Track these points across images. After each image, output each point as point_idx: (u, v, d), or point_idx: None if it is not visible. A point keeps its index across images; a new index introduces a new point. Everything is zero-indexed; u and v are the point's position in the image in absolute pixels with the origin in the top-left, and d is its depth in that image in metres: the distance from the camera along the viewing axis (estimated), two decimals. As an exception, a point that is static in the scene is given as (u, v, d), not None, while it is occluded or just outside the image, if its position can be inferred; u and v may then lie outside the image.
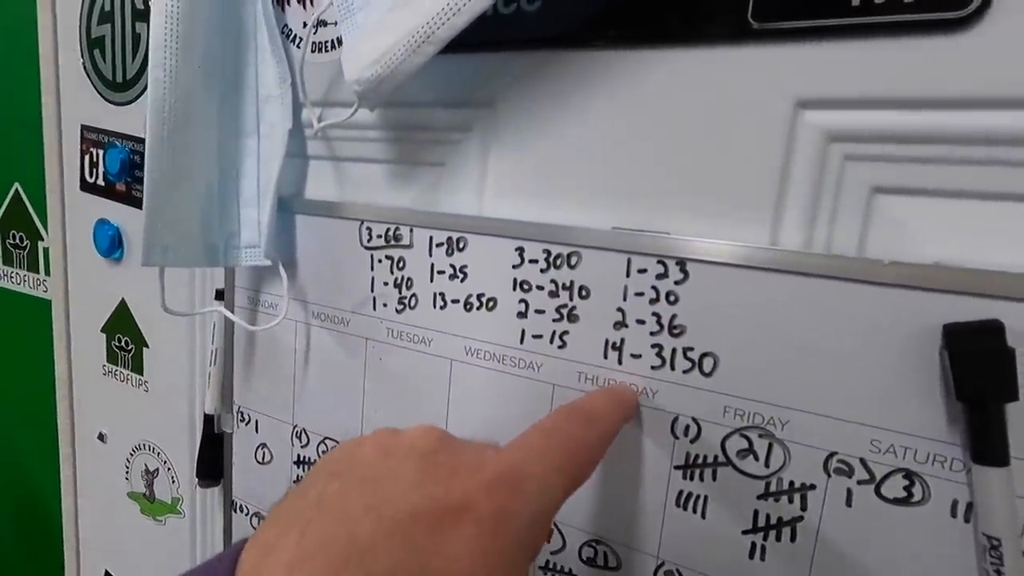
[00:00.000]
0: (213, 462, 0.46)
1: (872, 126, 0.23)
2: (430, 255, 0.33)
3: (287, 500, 0.18)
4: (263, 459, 0.43)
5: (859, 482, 0.24)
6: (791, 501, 0.25)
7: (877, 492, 0.23)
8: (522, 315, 0.31)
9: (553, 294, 0.30)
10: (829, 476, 0.24)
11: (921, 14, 0.22)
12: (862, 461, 0.24)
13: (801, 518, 0.25)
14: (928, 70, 0.22)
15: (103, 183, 0.53)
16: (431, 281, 0.33)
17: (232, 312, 0.42)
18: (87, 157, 0.54)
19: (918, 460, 0.23)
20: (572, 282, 0.29)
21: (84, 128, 0.54)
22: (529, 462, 0.19)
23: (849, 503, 0.24)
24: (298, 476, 0.41)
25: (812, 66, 0.24)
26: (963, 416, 0.21)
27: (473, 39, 0.28)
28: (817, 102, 0.24)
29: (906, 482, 0.23)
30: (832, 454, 0.24)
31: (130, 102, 0.50)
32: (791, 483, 0.25)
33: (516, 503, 0.17)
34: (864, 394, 0.23)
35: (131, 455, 0.57)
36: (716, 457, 0.26)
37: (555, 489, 0.19)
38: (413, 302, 0.34)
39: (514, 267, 0.30)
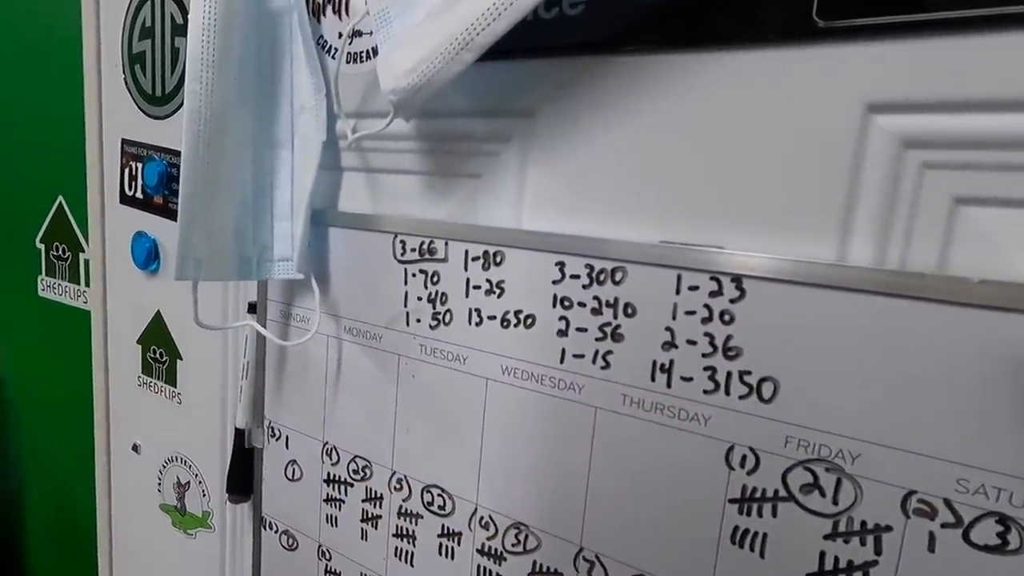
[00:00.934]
0: (243, 477, 0.46)
1: (953, 131, 0.21)
2: (465, 269, 0.32)
3: None
4: (293, 476, 0.43)
5: (943, 525, 0.21)
6: (863, 543, 0.23)
7: (965, 538, 0.21)
8: (562, 333, 0.29)
9: (596, 311, 0.28)
10: (908, 517, 0.22)
11: (1005, 7, 0.20)
12: (947, 502, 0.21)
13: (875, 563, 0.23)
14: (1016, 69, 0.20)
15: (141, 196, 0.54)
16: (466, 296, 0.32)
17: (264, 326, 0.42)
18: (127, 170, 0.55)
19: (1014, 504, 0.20)
20: (616, 299, 0.27)
21: (124, 142, 0.54)
22: None
23: (932, 548, 0.22)
24: (328, 495, 0.40)
25: (884, 66, 0.22)
26: (1069, 455, 0.19)
27: (513, 46, 0.27)
28: (891, 106, 0.22)
29: (1000, 528, 0.20)
30: (911, 493, 0.22)
31: (169, 115, 0.50)
32: (863, 523, 0.23)
33: None
34: (949, 427, 0.21)
35: (164, 467, 0.57)
36: (777, 492, 0.24)
37: None
38: (447, 318, 0.33)
39: (554, 283, 0.29)
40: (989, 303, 0.20)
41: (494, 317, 0.31)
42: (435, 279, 0.33)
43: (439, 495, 0.35)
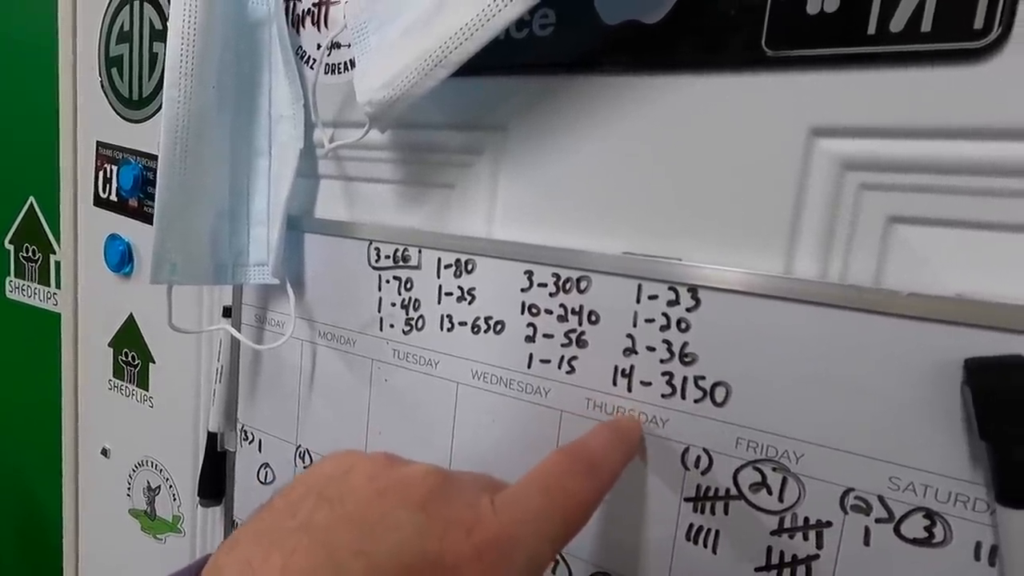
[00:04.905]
0: (215, 481, 0.46)
1: (889, 155, 0.23)
2: (438, 276, 0.33)
3: (272, 513, 0.18)
4: (265, 479, 0.43)
5: (877, 520, 0.23)
6: (806, 538, 0.24)
7: (896, 531, 0.23)
8: (530, 339, 0.30)
9: (562, 319, 0.29)
10: (846, 513, 0.23)
11: (938, 44, 0.22)
12: (880, 499, 0.23)
13: (817, 556, 0.24)
14: (945, 99, 0.22)
15: (116, 199, 0.53)
16: (439, 303, 0.33)
17: (239, 330, 0.42)
18: (101, 173, 0.54)
19: (939, 499, 0.22)
20: (581, 307, 0.29)
21: (99, 144, 0.54)
22: (523, 528, 0.18)
23: (867, 542, 0.23)
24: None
25: (827, 94, 0.24)
26: (986, 454, 0.21)
27: (485, 63, 0.28)
28: (832, 130, 0.24)
29: (927, 522, 0.22)
30: (849, 490, 0.23)
31: (145, 119, 0.50)
32: (806, 519, 0.24)
33: (503, 572, 0.17)
34: (882, 429, 0.23)
35: (134, 471, 0.57)
36: (728, 490, 0.26)
37: (544, 557, 0.19)
38: (420, 323, 0.34)
39: (523, 291, 0.30)
40: (915, 314, 0.22)
41: (465, 323, 0.32)
42: (408, 285, 0.34)
43: (410, 497, 0.35)
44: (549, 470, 0.21)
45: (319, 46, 0.38)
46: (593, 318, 0.28)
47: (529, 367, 0.30)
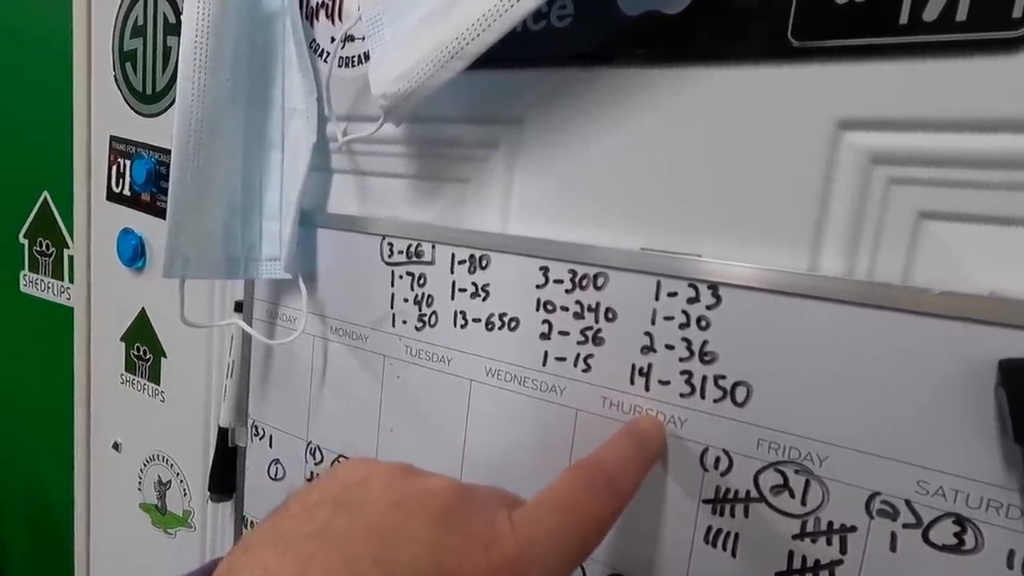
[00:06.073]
0: (226, 476, 0.46)
1: (919, 148, 0.22)
2: (452, 272, 0.33)
3: (288, 517, 0.18)
4: (276, 475, 0.43)
5: (904, 526, 0.22)
6: (830, 543, 0.24)
7: (924, 537, 0.22)
8: (545, 336, 0.30)
9: (578, 316, 0.29)
10: (872, 518, 0.23)
11: (974, 33, 0.21)
12: (908, 503, 0.22)
13: (840, 562, 0.23)
14: (978, 91, 0.21)
15: (129, 193, 0.54)
16: (452, 299, 0.33)
17: (251, 325, 0.42)
18: (115, 167, 0.55)
19: (970, 505, 0.21)
20: (598, 304, 0.28)
21: (113, 139, 0.54)
22: (540, 547, 0.18)
23: (893, 548, 0.22)
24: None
25: (855, 86, 0.23)
26: (1021, 459, 0.20)
27: (502, 55, 0.27)
28: (860, 123, 0.23)
29: (957, 528, 0.21)
30: (875, 494, 0.23)
31: (159, 114, 0.50)
32: (830, 523, 0.24)
33: None
34: (911, 431, 0.22)
35: (145, 465, 0.57)
36: (748, 492, 0.25)
37: None
38: (433, 320, 0.34)
39: (538, 287, 0.30)
40: (947, 313, 0.21)
41: (479, 320, 0.32)
42: (422, 281, 0.34)
43: (421, 495, 0.35)
44: (566, 486, 0.21)
45: (333, 39, 0.37)
46: (610, 315, 0.28)
47: (544, 365, 0.30)
